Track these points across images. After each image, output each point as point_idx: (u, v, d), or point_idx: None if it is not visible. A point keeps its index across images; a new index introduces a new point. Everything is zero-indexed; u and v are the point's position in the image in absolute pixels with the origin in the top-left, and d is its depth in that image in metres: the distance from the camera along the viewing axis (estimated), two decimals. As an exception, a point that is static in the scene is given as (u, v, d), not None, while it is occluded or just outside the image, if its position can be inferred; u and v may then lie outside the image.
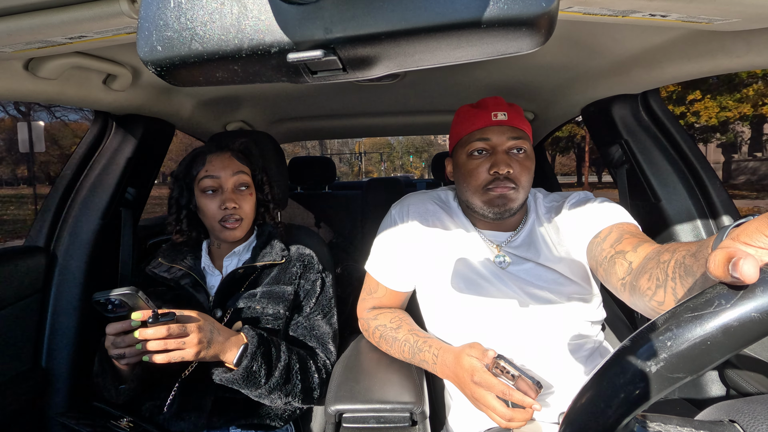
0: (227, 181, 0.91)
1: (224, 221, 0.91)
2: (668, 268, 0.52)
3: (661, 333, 0.29)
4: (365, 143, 44.29)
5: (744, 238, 0.32)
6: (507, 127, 0.84)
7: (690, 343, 0.28)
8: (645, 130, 1.12)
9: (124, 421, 0.81)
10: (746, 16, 0.59)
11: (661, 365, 0.28)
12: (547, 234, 0.87)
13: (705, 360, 0.28)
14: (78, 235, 1.09)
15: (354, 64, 0.31)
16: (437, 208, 0.94)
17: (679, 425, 0.31)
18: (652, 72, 0.92)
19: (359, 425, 0.76)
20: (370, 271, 0.98)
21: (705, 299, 0.29)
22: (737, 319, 0.27)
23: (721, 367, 0.95)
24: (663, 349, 0.28)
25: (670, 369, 0.28)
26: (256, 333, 0.82)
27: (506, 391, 0.66)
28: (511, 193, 0.82)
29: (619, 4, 0.55)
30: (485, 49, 0.30)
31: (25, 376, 0.96)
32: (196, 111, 1.31)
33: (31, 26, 0.56)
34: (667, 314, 0.30)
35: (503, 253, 0.86)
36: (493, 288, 0.84)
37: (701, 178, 1.05)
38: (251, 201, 0.94)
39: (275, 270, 0.96)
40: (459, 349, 0.75)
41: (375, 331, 0.94)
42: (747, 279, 0.27)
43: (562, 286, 0.82)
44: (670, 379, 0.28)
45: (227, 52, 0.30)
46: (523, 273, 0.84)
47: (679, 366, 0.28)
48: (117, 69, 0.88)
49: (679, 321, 0.29)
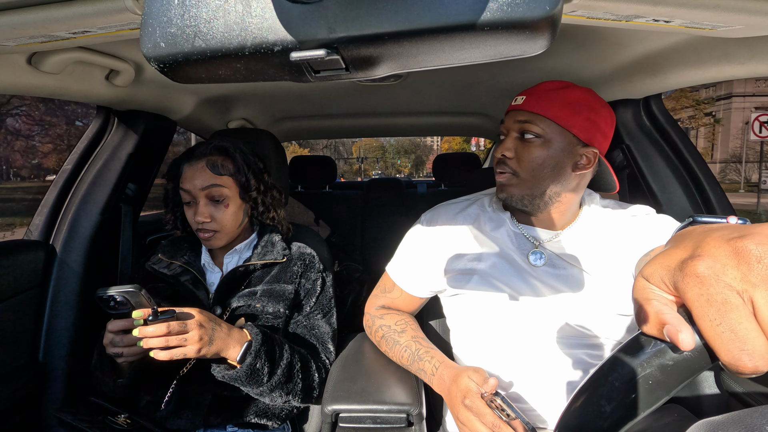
0: (198, 195, 0.88)
1: (198, 231, 0.90)
2: None
3: (609, 374, 0.32)
4: (363, 147, 51.10)
5: (653, 282, 0.31)
6: (520, 111, 0.80)
7: (636, 381, 0.30)
8: (647, 135, 1.12)
9: (121, 418, 0.81)
10: (750, 23, 0.59)
11: (613, 404, 0.31)
12: (598, 240, 0.80)
13: (652, 397, 0.30)
14: (77, 230, 1.09)
15: (357, 64, 0.31)
16: (467, 216, 0.90)
17: None
18: (655, 77, 0.93)
19: (355, 425, 0.76)
20: (391, 273, 0.96)
21: (644, 339, 0.31)
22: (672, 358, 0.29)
23: (717, 369, 0.95)
24: (613, 391, 0.31)
25: (622, 408, 0.31)
26: (259, 330, 0.82)
27: (496, 424, 0.62)
28: (504, 179, 0.79)
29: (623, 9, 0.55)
30: (488, 52, 0.29)
31: (22, 371, 0.96)
32: (198, 108, 1.31)
33: (35, 20, 0.56)
34: (612, 357, 0.33)
35: (541, 250, 0.81)
36: (521, 291, 0.80)
37: (702, 184, 1.05)
38: (229, 212, 0.90)
39: (276, 269, 0.96)
40: (461, 369, 0.73)
41: (378, 330, 0.93)
42: (685, 348, 0.28)
43: (602, 299, 0.76)
44: (626, 415, 0.30)
45: (230, 50, 0.30)
46: (562, 278, 0.78)
47: (632, 405, 0.30)
48: (120, 64, 0.88)
49: (623, 363, 0.31)
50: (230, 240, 0.95)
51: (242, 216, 0.95)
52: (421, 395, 0.81)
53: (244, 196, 0.94)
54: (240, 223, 0.95)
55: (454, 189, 2.33)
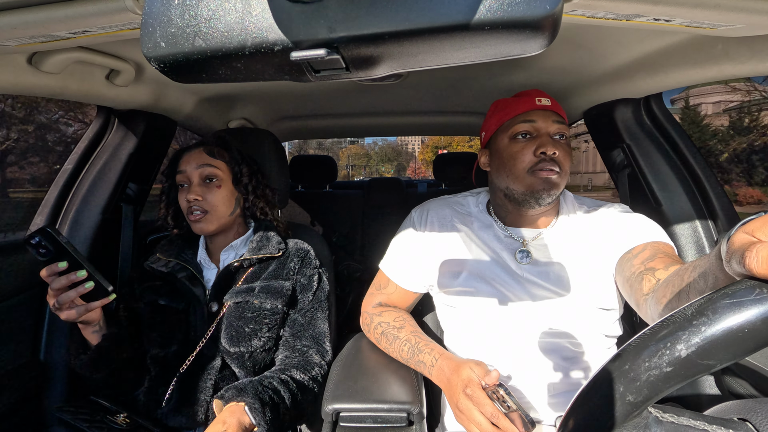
0: (193, 174, 0.92)
1: (189, 213, 0.91)
2: (685, 274, 0.51)
3: (695, 318, 0.28)
4: (350, 154, 60.92)
5: (759, 234, 0.31)
6: (551, 111, 0.83)
7: (726, 329, 0.27)
8: (647, 134, 1.12)
9: (120, 417, 0.81)
10: (750, 23, 0.58)
11: (692, 350, 0.28)
12: (577, 238, 0.85)
13: (740, 349, 0.27)
14: (78, 230, 1.09)
15: (357, 63, 0.31)
16: (456, 213, 0.94)
17: (692, 418, 0.31)
18: (656, 77, 0.92)
19: (356, 425, 0.76)
20: (384, 268, 0.98)
21: (744, 287, 0.28)
22: None
23: (718, 372, 0.95)
24: (696, 334, 0.28)
25: (701, 355, 0.28)
26: (256, 400, 0.75)
27: (495, 414, 0.63)
28: (555, 177, 0.80)
29: (623, 8, 0.55)
30: (489, 51, 0.29)
31: (23, 370, 0.97)
32: (198, 108, 1.31)
33: (36, 20, 0.56)
34: (702, 300, 0.29)
35: (528, 248, 0.85)
36: (509, 287, 0.83)
37: (702, 183, 1.05)
38: (221, 194, 0.93)
39: (273, 265, 0.96)
40: (462, 361, 0.74)
41: (377, 327, 0.94)
42: None
43: (584, 294, 0.80)
44: (700, 365, 0.28)
45: (230, 50, 0.30)
46: (545, 274, 0.82)
47: (711, 353, 0.27)
48: (120, 64, 0.88)
49: (716, 307, 0.28)
50: (221, 227, 0.94)
51: (234, 205, 0.96)
52: (422, 394, 0.81)
53: (237, 184, 0.97)
54: (231, 212, 0.96)
55: (455, 189, 2.33)
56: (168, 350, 0.89)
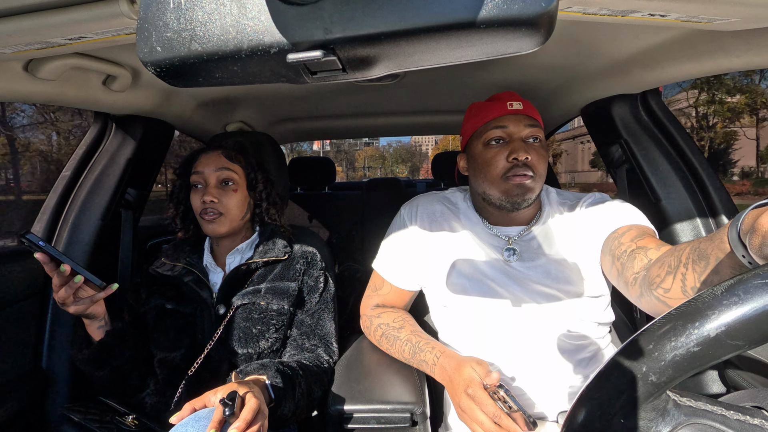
0: (210, 176, 0.93)
1: (203, 213, 0.92)
2: (682, 254, 0.52)
3: (725, 297, 0.28)
4: (367, 156, 63.78)
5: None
6: (523, 115, 0.84)
7: (758, 309, 0.27)
8: (645, 129, 1.12)
9: (129, 419, 0.81)
10: (746, 16, 0.59)
11: (722, 330, 0.27)
12: (561, 231, 0.86)
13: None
14: (78, 236, 1.09)
15: (353, 64, 0.31)
16: (444, 208, 0.95)
17: (709, 403, 0.31)
18: (652, 72, 0.93)
19: (360, 425, 0.76)
20: (377, 268, 0.99)
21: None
22: None
23: (722, 366, 0.95)
24: (727, 314, 0.27)
25: (731, 335, 0.27)
26: (277, 374, 0.77)
27: (497, 413, 0.63)
28: (529, 182, 0.81)
29: (618, 4, 0.55)
30: (485, 49, 0.29)
31: (25, 377, 0.96)
32: (196, 112, 1.31)
33: (31, 27, 0.56)
34: (732, 281, 0.29)
35: (514, 246, 0.86)
36: (500, 282, 0.83)
37: (701, 178, 1.05)
38: (236, 197, 0.94)
39: (279, 267, 0.97)
40: (463, 359, 0.74)
41: (377, 329, 0.94)
42: None
43: (572, 284, 0.81)
44: (729, 345, 0.27)
45: (227, 53, 0.30)
46: (533, 269, 0.83)
47: (742, 333, 0.27)
48: (117, 70, 0.88)
49: (747, 287, 0.28)
50: (232, 230, 0.95)
51: (246, 209, 0.98)
52: (425, 394, 0.82)
53: (251, 189, 0.99)
54: (243, 216, 0.97)
55: (454, 188, 2.33)
56: (176, 354, 0.89)
